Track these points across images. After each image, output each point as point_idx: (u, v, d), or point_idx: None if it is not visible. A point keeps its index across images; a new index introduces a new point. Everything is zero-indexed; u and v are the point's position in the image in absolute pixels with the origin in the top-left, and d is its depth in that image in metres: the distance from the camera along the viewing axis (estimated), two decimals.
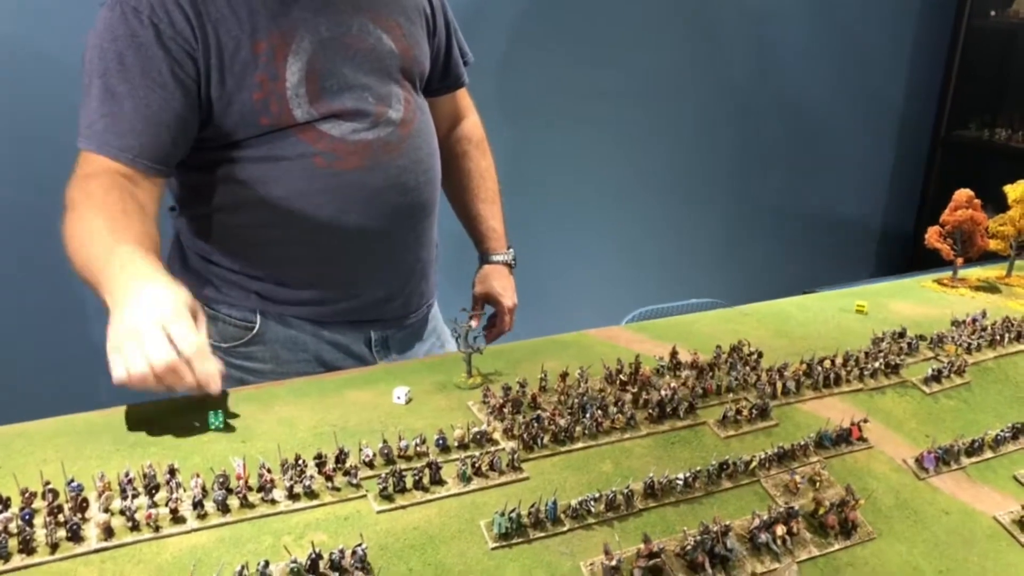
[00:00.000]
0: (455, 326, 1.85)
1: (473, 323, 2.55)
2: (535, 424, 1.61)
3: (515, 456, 1.53)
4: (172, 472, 1.43)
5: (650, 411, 1.69)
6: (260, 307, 2.10)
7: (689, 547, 1.37)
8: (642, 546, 1.36)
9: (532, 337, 2.11)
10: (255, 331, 2.10)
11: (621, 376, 1.81)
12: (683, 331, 2.19)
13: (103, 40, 1.83)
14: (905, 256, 5.86)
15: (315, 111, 1.94)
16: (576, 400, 1.70)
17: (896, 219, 5.84)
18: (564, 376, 1.80)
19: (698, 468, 1.55)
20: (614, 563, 1.32)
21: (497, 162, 2.61)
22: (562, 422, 1.62)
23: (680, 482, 1.51)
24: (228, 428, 1.63)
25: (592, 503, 1.44)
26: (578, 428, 1.63)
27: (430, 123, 2.26)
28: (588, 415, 1.65)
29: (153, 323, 1.54)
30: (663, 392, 1.73)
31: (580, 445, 1.62)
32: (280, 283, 2.08)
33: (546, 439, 1.60)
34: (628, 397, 1.74)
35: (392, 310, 2.24)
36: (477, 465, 1.50)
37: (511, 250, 2.63)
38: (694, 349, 1.96)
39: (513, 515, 1.39)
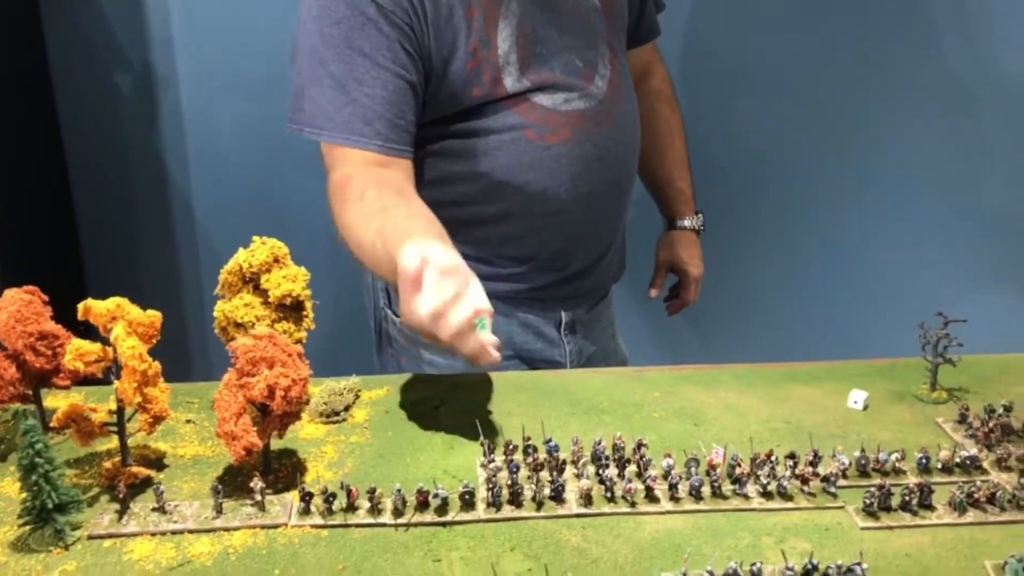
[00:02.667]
0: (924, 331, 1.65)
1: (653, 292, 2.34)
2: None
3: (1020, 492, 1.33)
4: (640, 446, 1.41)
5: None
6: None
7: None
8: None
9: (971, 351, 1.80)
10: None
11: None
12: None
13: (322, 25, 1.72)
14: None
15: (527, 80, 1.83)
16: None
17: None
18: None
19: None
20: None
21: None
22: None
23: None
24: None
25: None
26: None
27: (632, 87, 2.09)
28: None
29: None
30: None
31: None
32: (481, 260, 1.96)
33: None
34: None
35: (586, 287, 2.10)
36: (975, 496, 1.32)
37: (700, 215, 2.36)
38: None
39: None
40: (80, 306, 1.25)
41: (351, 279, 2.23)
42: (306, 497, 1.26)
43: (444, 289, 1.36)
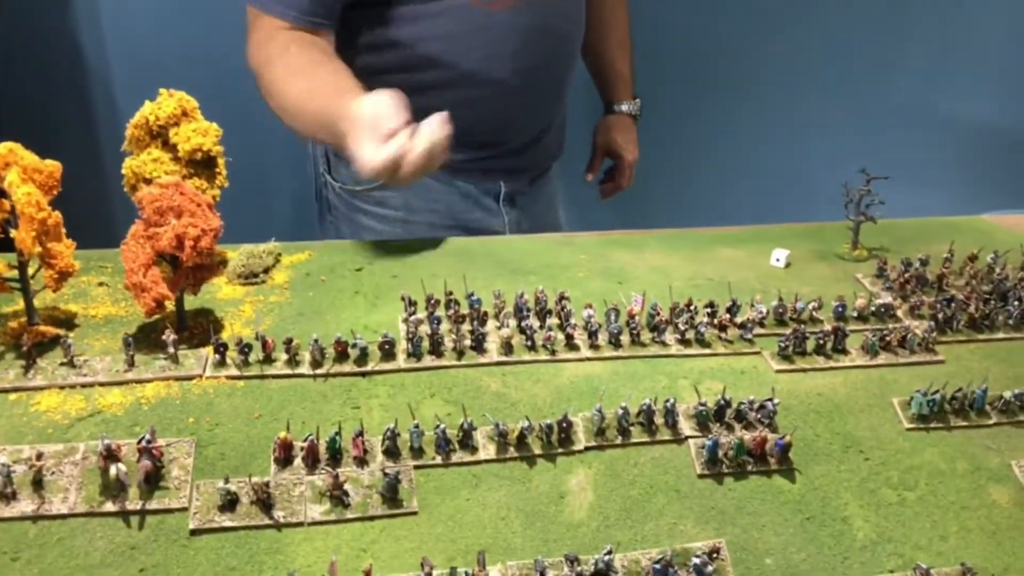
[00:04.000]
0: (847, 190, 1.67)
1: (589, 176, 2.34)
2: (949, 305, 1.42)
3: (930, 336, 1.36)
4: (562, 299, 1.40)
5: None
6: None
7: None
8: None
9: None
10: None
11: None
12: None
13: None
14: None
15: None
16: (993, 286, 1.49)
17: None
18: (973, 258, 1.58)
19: None
20: None
21: None
22: (983, 307, 1.41)
23: None
24: None
25: None
26: (1000, 316, 1.42)
27: None
28: (1014, 304, 1.43)
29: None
30: None
31: (1002, 335, 1.41)
32: None
33: (962, 323, 1.41)
34: None
35: (527, 160, 2.10)
36: (887, 339, 1.35)
37: (638, 100, 2.34)
38: None
39: (935, 397, 1.23)
40: None
41: (293, 148, 2.18)
42: (220, 349, 1.24)
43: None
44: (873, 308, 1.44)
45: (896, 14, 3.05)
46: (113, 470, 1.04)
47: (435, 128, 1.50)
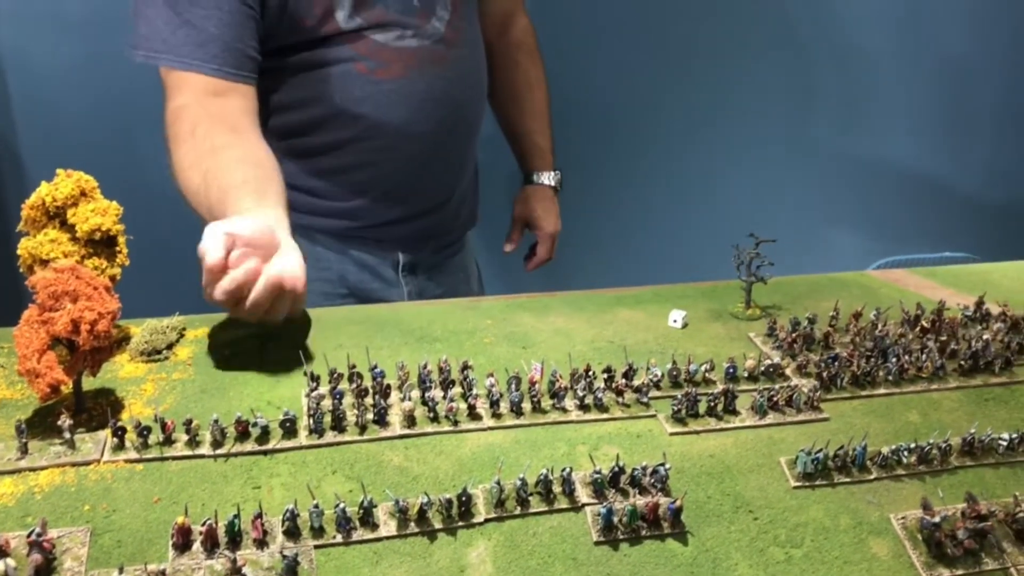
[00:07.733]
0: (737, 252, 1.74)
1: (508, 248, 2.37)
2: (833, 363, 1.50)
3: (815, 395, 1.43)
4: (465, 368, 1.43)
5: (960, 363, 1.54)
6: None
7: (1022, 515, 1.23)
8: (965, 506, 1.24)
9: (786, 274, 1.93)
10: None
11: (923, 322, 1.65)
12: (979, 281, 1.98)
13: None
14: None
15: (360, 18, 1.84)
16: (874, 342, 1.57)
17: None
18: (857, 316, 1.67)
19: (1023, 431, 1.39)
20: (936, 520, 1.21)
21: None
22: (864, 364, 1.49)
23: (1003, 443, 1.36)
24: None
25: (904, 454, 1.33)
26: (880, 372, 1.50)
27: (479, 34, 2.08)
28: (892, 360, 1.51)
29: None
30: (975, 344, 1.56)
31: (882, 391, 1.49)
32: (313, 193, 1.95)
33: (845, 380, 1.49)
34: (934, 345, 1.58)
35: (427, 230, 2.09)
36: (774, 399, 1.42)
37: (558, 172, 2.38)
38: (1003, 300, 1.75)
39: (819, 455, 1.30)
40: None
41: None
42: (119, 432, 1.23)
43: (241, 269, 1.38)
44: (763, 368, 1.50)
45: (792, 76, 3.22)
46: (1, 566, 1.02)
47: (296, 270, 1.42)
